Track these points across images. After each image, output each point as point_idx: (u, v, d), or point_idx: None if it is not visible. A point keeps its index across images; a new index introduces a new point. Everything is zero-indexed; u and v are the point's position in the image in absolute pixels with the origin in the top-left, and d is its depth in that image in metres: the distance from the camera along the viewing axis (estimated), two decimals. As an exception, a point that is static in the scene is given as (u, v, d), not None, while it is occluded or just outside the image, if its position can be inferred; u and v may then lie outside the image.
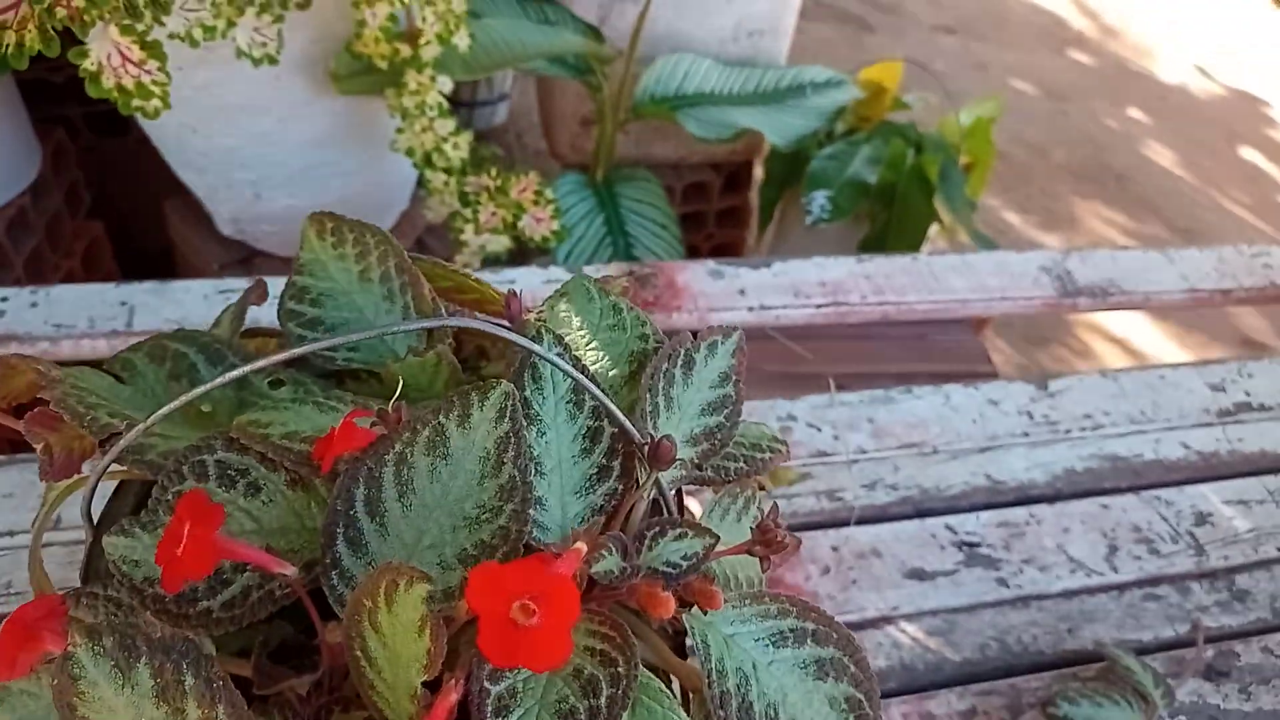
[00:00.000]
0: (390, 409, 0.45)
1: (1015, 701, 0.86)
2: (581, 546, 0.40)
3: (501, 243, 1.49)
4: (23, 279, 1.53)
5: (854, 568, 0.93)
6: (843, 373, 1.17)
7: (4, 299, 1.01)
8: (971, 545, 0.98)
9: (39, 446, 0.47)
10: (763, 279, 1.19)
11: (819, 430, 1.04)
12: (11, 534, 0.83)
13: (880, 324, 1.20)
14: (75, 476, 0.50)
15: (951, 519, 1.00)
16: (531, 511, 0.44)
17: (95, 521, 0.51)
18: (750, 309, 1.15)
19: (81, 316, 1.01)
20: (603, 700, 0.40)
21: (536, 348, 0.44)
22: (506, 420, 0.44)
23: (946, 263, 1.28)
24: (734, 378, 0.56)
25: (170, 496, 0.46)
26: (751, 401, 1.04)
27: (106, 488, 0.57)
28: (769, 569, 0.50)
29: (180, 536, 0.40)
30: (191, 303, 1.05)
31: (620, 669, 0.41)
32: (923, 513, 1.00)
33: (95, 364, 0.55)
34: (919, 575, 0.94)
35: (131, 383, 0.54)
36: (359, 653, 0.40)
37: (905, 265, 1.26)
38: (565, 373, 0.45)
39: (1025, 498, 1.04)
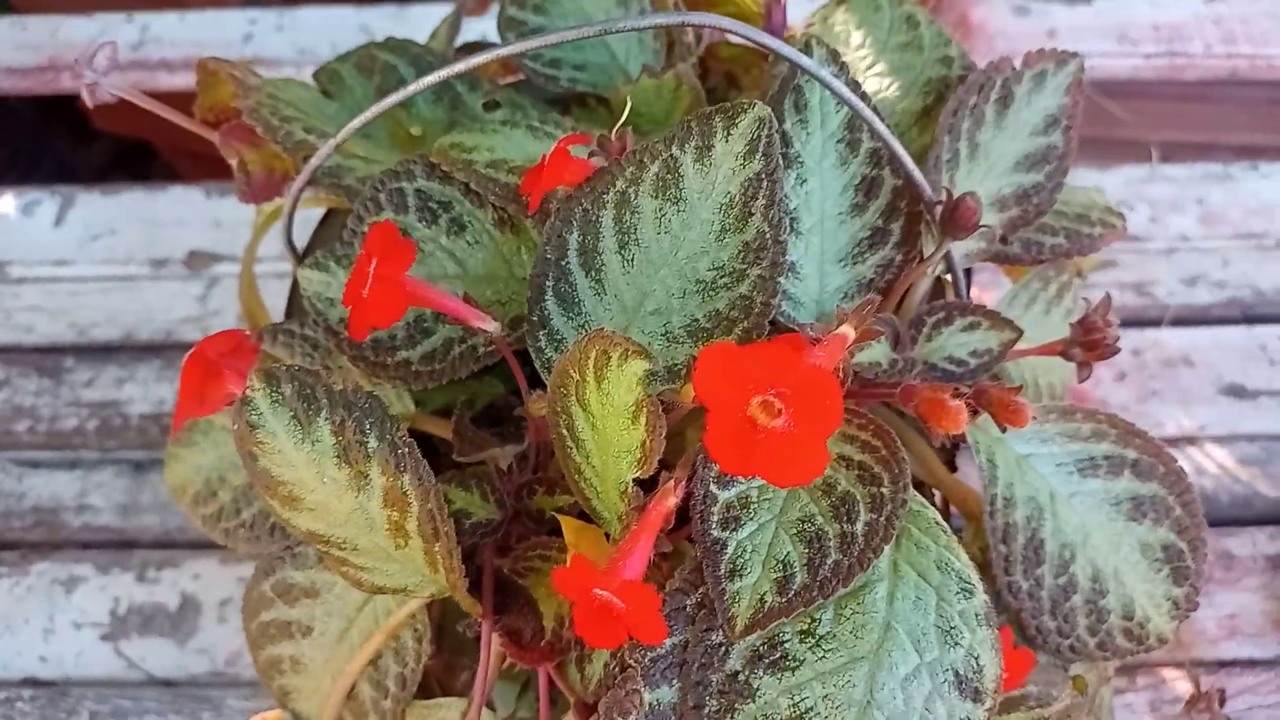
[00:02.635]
0: (613, 135, 0.35)
1: (1341, 553, 0.71)
2: (849, 330, 0.30)
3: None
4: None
5: (1157, 377, 0.78)
6: (1169, 140, 0.96)
7: (252, 20, 0.99)
8: (1311, 363, 0.80)
9: (234, 162, 0.42)
10: (1080, 18, 0.97)
11: (1132, 209, 0.86)
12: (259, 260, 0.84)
13: (1226, 82, 0.96)
14: (277, 201, 0.45)
15: (1289, 329, 0.81)
16: (782, 280, 0.34)
17: (301, 252, 0.47)
18: (1059, 57, 0.94)
19: (324, 41, 0.99)
20: (859, 526, 0.31)
21: (804, 60, 0.33)
22: (759, 156, 0.33)
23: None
24: (1064, 123, 0.42)
25: (366, 228, 0.40)
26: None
27: (316, 216, 0.53)
28: (1086, 377, 0.39)
29: (366, 275, 0.34)
30: (431, 26, 0.99)
31: (884, 489, 0.32)
32: (1253, 319, 0.82)
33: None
34: (1237, 392, 0.78)
35: (338, 97, 0.48)
36: (564, 431, 0.33)
37: (1270, 8, 0.99)
38: (840, 97, 0.34)
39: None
